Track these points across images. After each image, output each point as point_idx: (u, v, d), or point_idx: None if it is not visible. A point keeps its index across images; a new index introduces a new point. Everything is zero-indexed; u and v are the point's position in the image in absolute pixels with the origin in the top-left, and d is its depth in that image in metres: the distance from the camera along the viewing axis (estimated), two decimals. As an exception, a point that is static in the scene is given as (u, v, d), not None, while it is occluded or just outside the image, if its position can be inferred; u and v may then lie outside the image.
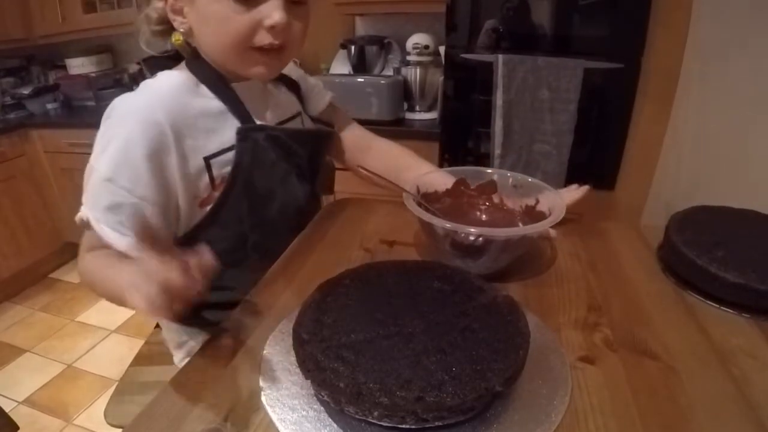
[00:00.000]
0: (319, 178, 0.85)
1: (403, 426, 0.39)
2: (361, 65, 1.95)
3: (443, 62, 1.62)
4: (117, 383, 0.83)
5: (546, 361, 0.49)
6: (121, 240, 0.55)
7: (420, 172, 0.77)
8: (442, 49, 1.68)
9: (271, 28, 0.56)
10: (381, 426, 0.40)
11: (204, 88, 0.64)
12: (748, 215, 0.71)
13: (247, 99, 0.67)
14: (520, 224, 0.71)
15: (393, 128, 1.68)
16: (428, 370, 0.41)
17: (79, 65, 2.28)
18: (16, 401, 1.57)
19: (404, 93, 1.77)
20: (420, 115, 1.79)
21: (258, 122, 0.67)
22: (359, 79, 1.73)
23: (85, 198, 0.57)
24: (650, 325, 0.55)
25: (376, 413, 0.38)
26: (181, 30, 0.61)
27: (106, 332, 1.91)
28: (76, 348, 1.83)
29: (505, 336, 0.45)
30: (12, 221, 2.11)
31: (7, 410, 1.03)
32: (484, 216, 0.76)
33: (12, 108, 2.27)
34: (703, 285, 0.60)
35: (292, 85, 0.82)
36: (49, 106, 2.29)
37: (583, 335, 0.54)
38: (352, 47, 1.94)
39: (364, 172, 0.73)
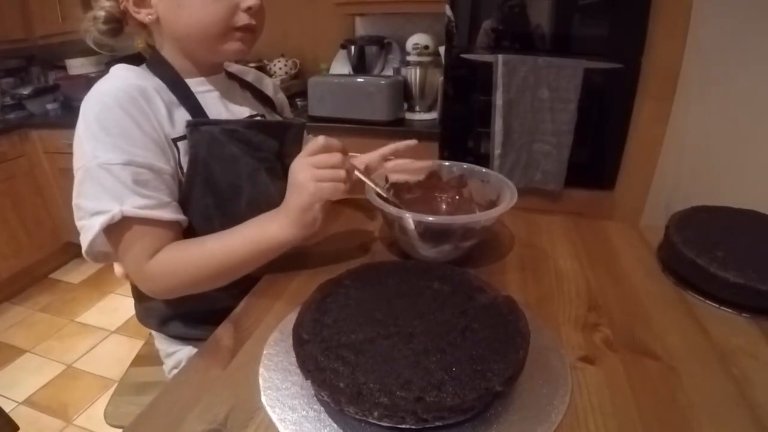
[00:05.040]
0: None
1: (403, 426, 0.39)
2: (361, 65, 1.95)
3: (443, 62, 1.62)
4: (117, 384, 0.83)
5: (546, 361, 0.49)
6: (166, 213, 0.59)
7: None
8: (441, 50, 1.68)
9: (248, 9, 0.63)
10: (381, 426, 0.40)
11: (160, 82, 0.65)
12: (748, 215, 0.71)
13: (203, 95, 0.69)
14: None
15: (393, 128, 1.68)
16: (428, 370, 0.41)
17: (78, 66, 2.29)
18: (16, 401, 1.57)
19: (404, 93, 1.77)
20: (420, 116, 1.79)
21: (212, 117, 0.68)
22: (359, 80, 1.73)
23: (102, 202, 0.56)
24: (650, 325, 0.55)
25: (376, 413, 0.38)
26: (147, 21, 0.64)
27: (105, 333, 1.92)
28: (75, 348, 1.83)
29: (505, 336, 0.45)
30: (12, 221, 2.11)
31: (7, 410, 1.03)
32: (444, 206, 0.80)
33: (12, 108, 2.27)
34: (703, 285, 0.60)
35: (262, 97, 0.82)
36: (49, 106, 2.30)
37: (583, 335, 0.54)
38: (352, 47, 1.94)
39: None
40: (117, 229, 0.57)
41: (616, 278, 0.66)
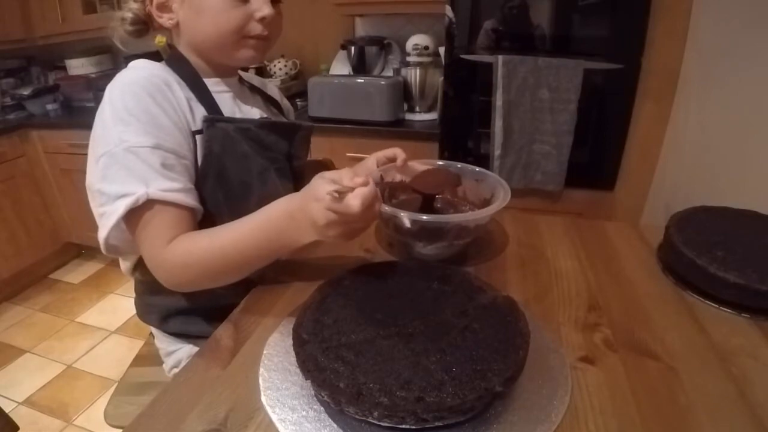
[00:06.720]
0: (304, 179, 0.84)
1: (403, 426, 0.39)
2: (361, 66, 1.95)
3: (443, 63, 1.62)
4: (117, 384, 0.83)
5: (546, 361, 0.49)
6: (189, 199, 0.60)
7: None
8: (442, 50, 1.68)
9: (262, 19, 0.65)
10: (381, 426, 0.40)
11: (179, 78, 0.67)
12: (748, 215, 0.71)
13: (218, 95, 0.71)
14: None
15: (393, 129, 1.68)
16: (428, 370, 0.41)
17: (78, 66, 2.28)
18: (16, 401, 1.57)
19: (404, 94, 1.77)
20: (420, 116, 1.79)
21: (226, 116, 0.70)
22: (359, 80, 1.73)
23: (128, 185, 0.56)
24: (650, 325, 0.55)
25: (376, 413, 0.38)
26: (168, 25, 0.67)
27: (105, 333, 1.91)
28: (75, 348, 1.83)
29: (505, 336, 0.45)
30: (12, 221, 2.11)
31: (7, 410, 1.03)
32: (439, 204, 0.80)
33: (12, 109, 2.27)
34: (703, 285, 0.60)
35: (271, 101, 0.85)
36: (49, 106, 2.29)
37: (583, 335, 0.54)
38: (352, 48, 1.94)
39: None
40: (139, 212, 0.57)
41: (616, 278, 0.66)
